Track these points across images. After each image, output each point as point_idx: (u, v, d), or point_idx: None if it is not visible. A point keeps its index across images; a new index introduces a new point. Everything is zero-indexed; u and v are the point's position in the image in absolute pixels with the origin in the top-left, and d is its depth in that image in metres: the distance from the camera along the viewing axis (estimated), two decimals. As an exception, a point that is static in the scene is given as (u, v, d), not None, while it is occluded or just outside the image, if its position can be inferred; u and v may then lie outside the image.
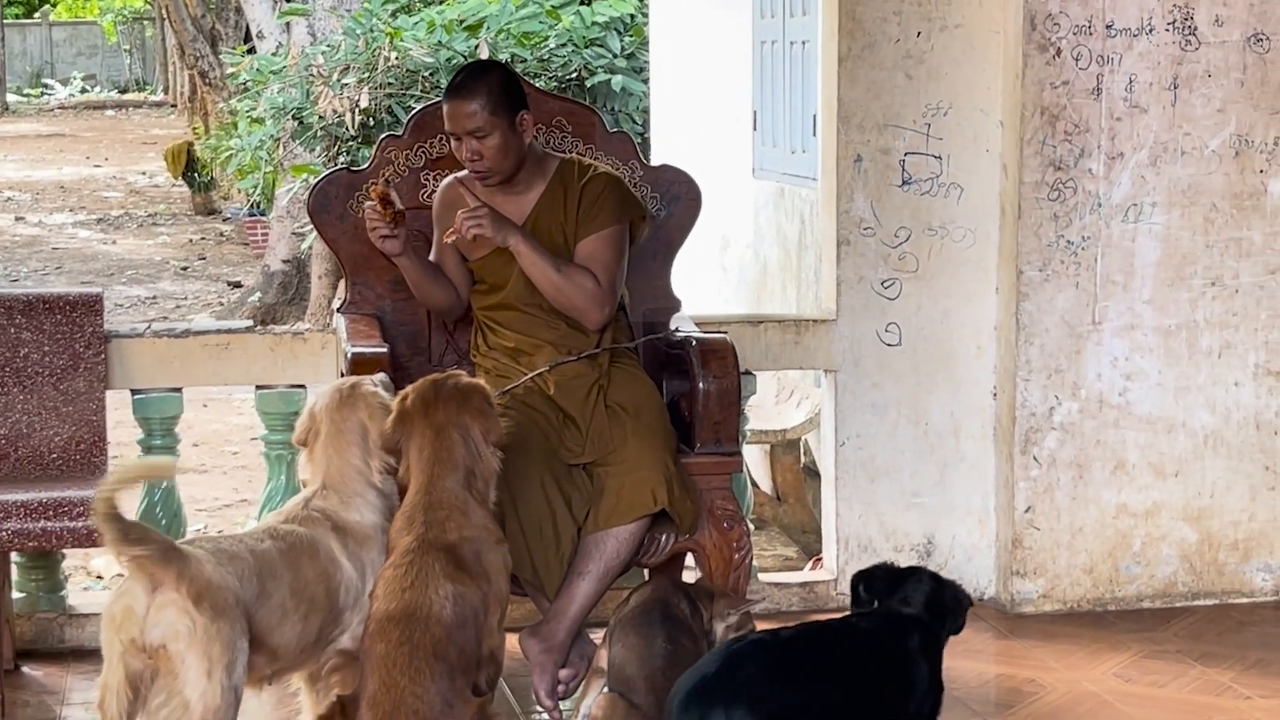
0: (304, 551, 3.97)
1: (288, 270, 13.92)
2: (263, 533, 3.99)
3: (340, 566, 4.02)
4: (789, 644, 3.77)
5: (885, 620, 3.85)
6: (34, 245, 18.17)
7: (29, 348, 5.01)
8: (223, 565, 3.75)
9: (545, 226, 4.67)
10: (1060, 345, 5.42)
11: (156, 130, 31.64)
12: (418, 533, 3.92)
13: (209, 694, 3.65)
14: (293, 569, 3.92)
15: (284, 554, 3.92)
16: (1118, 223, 5.41)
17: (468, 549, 3.94)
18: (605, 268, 4.64)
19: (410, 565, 3.87)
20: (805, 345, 5.52)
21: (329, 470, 4.13)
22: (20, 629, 5.11)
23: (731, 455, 4.68)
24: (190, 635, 3.63)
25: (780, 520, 7.50)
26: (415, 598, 3.83)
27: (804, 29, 7.44)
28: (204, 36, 19.40)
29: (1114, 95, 5.35)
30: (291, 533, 3.99)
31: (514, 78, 4.70)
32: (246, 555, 3.84)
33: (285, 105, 11.01)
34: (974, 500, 5.59)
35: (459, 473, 4.00)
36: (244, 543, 3.90)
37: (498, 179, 4.66)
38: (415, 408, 4.05)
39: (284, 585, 3.88)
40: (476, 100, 4.56)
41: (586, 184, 4.67)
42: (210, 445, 9.44)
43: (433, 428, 4.02)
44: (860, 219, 5.46)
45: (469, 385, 4.12)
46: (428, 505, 3.96)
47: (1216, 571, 5.57)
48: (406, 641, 3.78)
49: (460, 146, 4.62)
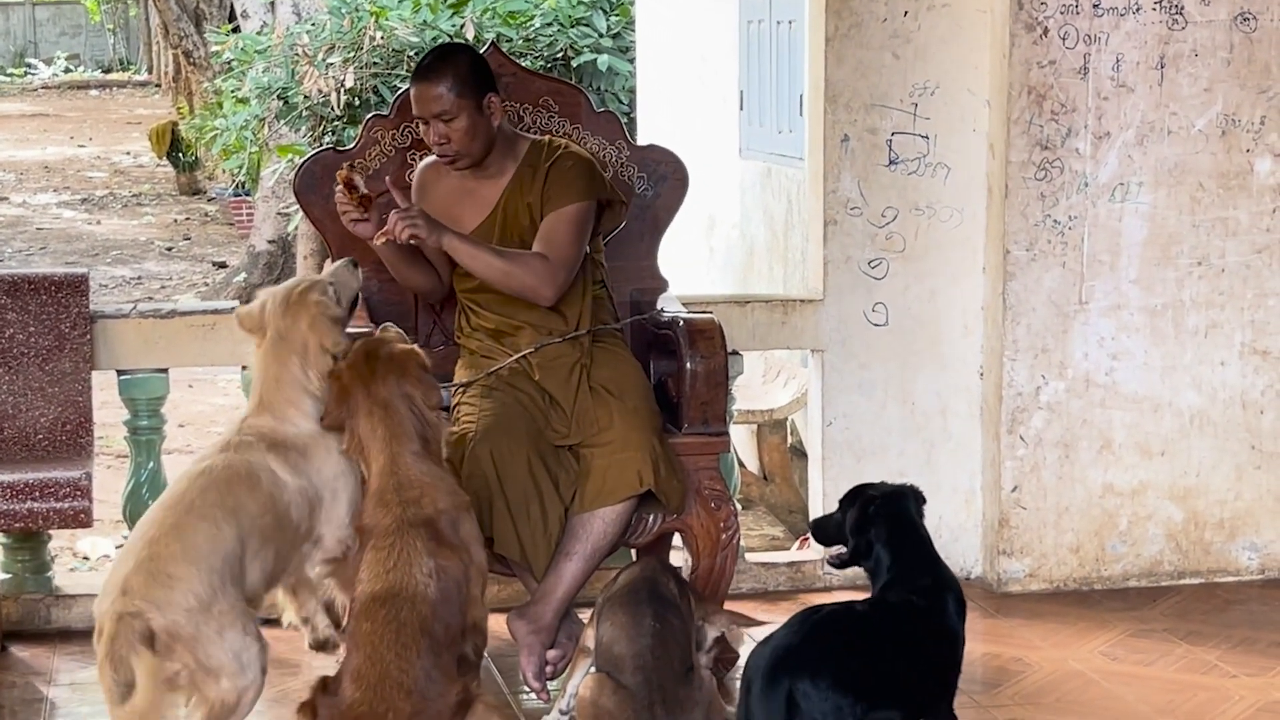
0: (242, 484, 3.96)
1: (273, 250, 13.89)
2: (197, 481, 3.93)
3: (285, 486, 4.03)
4: (864, 618, 3.82)
5: (930, 594, 3.90)
6: (18, 226, 18.11)
7: (14, 328, 5.00)
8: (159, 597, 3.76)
9: (515, 209, 4.66)
10: (1047, 325, 5.43)
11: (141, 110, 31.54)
12: (395, 513, 3.93)
13: (224, 695, 3.79)
14: (234, 515, 3.90)
15: (222, 503, 3.89)
16: (1104, 202, 5.41)
17: (444, 521, 3.97)
18: (558, 245, 4.59)
19: (392, 546, 3.89)
20: (792, 325, 5.51)
21: (265, 379, 4.12)
22: (7, 610, 5.11)
23: (719, 435, 4.69)
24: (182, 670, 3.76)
25: (767, 500, 7.50)
26: (399, 577, 3.84)
27: (790, 8, 7.43)
28: (188, 16, 19.32)
29: (1101, 75, 5.35)
30: (227, 467, 3.97)
31: (481, 61, 4.68)
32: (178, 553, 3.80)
33: (270, 85, 10.97)
34: (960, 480, 5.59)
35: (415, 444, 4.02)
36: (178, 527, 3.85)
37: (466, 162, 4.64)
38: (354, 384, 4.05)
39: (229, 538, 3.87)
40: (443, 83, 4.53)
41: (554, 163, 4.65)
42: (195, 426, 9.42)
43: (379, 405, 4.02)
44: (847, 199, 5.46)
45: (403, 353, 4.12)
46: (398, 485, 3.97)
47: (1203, 550, 5.58)
48: (393, 620, 3.79)
49: (428, 130, 4.60)
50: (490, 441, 4.41)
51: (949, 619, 3.89)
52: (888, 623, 3.81)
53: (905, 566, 3.91)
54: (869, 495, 4.02)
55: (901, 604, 3.86)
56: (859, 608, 3.85)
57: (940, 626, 3.87)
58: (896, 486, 4.05)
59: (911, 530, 3.97)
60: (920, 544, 3.96)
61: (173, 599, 3.76)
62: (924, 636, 3.83)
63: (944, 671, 3.89)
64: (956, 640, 3.92)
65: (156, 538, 3.85)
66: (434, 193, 4.75)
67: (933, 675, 3.84)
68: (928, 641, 3.84)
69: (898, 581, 3.90)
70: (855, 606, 3.86)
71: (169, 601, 3.75)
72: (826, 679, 3.60)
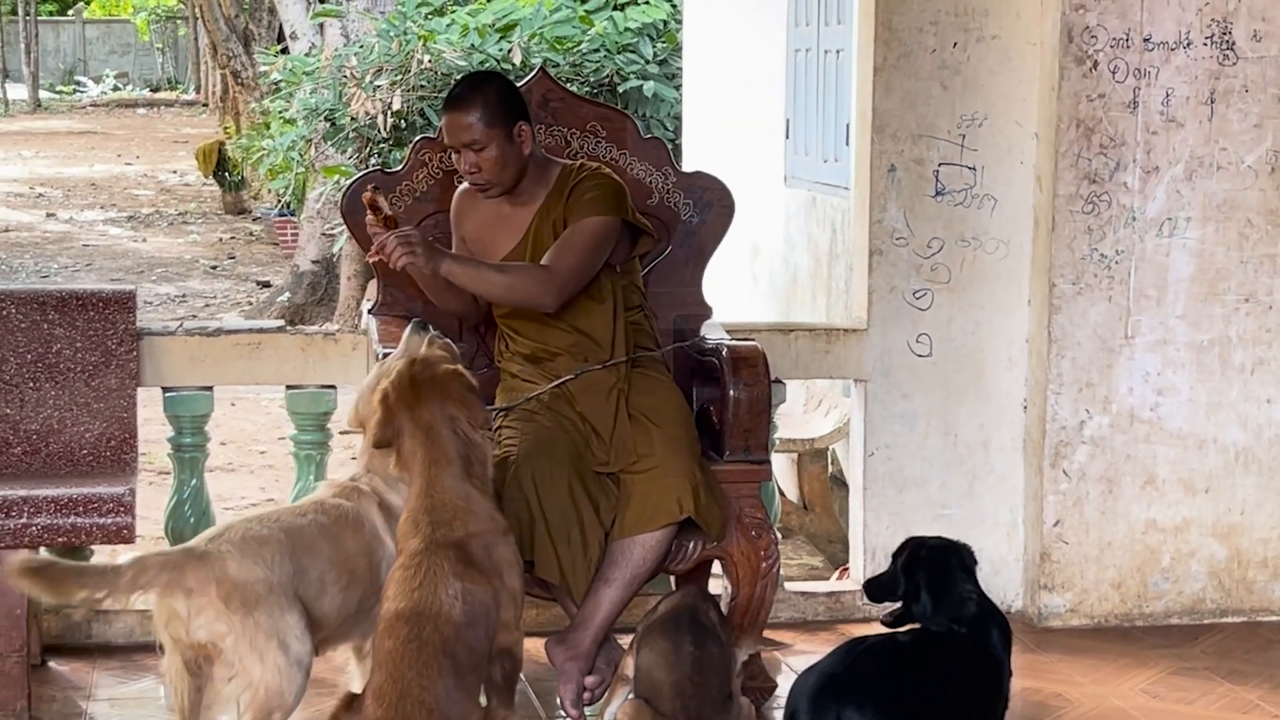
0: (348, 524, 4.07)
1: (317, 271, 13.95)
2: (309, 505, 4.10)
3: (383, 543, 4.11)
4: (908, 648, 3.82)
5: (973, 624, 3.90)
6: (64, 242, 18.24)
7: (61, 344, 5.03)
8: (248, 556, 3.86)
9: (544, 233, 4.66)
10: (1092, 359, 5.40)
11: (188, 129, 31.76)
12: (424, 534, 3.94)
13: (267, 676, 3.82)
14: (333, 542, 4.02)
15: (325, 528, 4.03)
16: (1152, 237, 5.39)
17: (476, 544, 3.97)
18: (564, 252, 4.56)
19: (419, 566, 3.89)
20: (836, 354, 5.50)
21: (371, 458, 4.20)
22: (47, 624, 5.13)
23: (761, 464, 4.68)
24: (231, 633, 3.80)
25: (807, 529, 7.48)
26: (424, 597, 3.85)
27: (838, 38, 7.43)
28: (237, 36, 19.46)
29: (1150, 109, 5.33)
30: (338, 506, 4.10)
31: (511, 89, 4.67)
32: (279, 536, 3.93)
33: (318, 106, 11.05)
34: (1002, 513, 5.57)
35: (455, 467, 4.02)
36: (280, 521, 4.00)
37: (497, 190, 4.64)
38: (399, 405, 4.06)
39: (322, 559, 3.98)
40: (473, 113, 4.53)
41: (578, 184, 4.65)
42: (238, 444, 9.46)
43: (421, 427, 4.03)
44: (893, 229, 5.45)
45: (446, 374, 4.12)
46: (431, 508, 3.97)
47: (1245, 589, 5.54)
48: (415, 638, 3.79)
49: (459, 159, 4.60)
50: (532, 465, 4.41)
51: (993, 649, 3.88)
52: (932, 653, 3.80)
53: (949, 598, 3.90)
54: (921, 539, 4.07)
55: (945, 634, 3.85)
56: (903, 638, 3.84)
57: (984, 656, 3.86)
58: (951, 541, 4.09)
59: (958, 569, 3.98)
60: (964, 581, 3.96)
61: (261, 553, 3.85)
62: (968, 666, 3.82)
63: (989, 702, 3.87)
64: (1002, 670, 3.91)
65: (265, 516, 4.00)
66: (469, 219, 4.76)
67: (977, 705, 3.83)
68: (972, 671, 3.83)
69: (941, 612, 3.89)
70: (899, 636, 3.85)
71: (258, 554, 3.85)
72: (871, 708, 3.60)
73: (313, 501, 4.13)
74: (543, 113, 5.01)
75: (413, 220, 4.89)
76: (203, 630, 3.80)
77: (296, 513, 4.06)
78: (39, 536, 4.57)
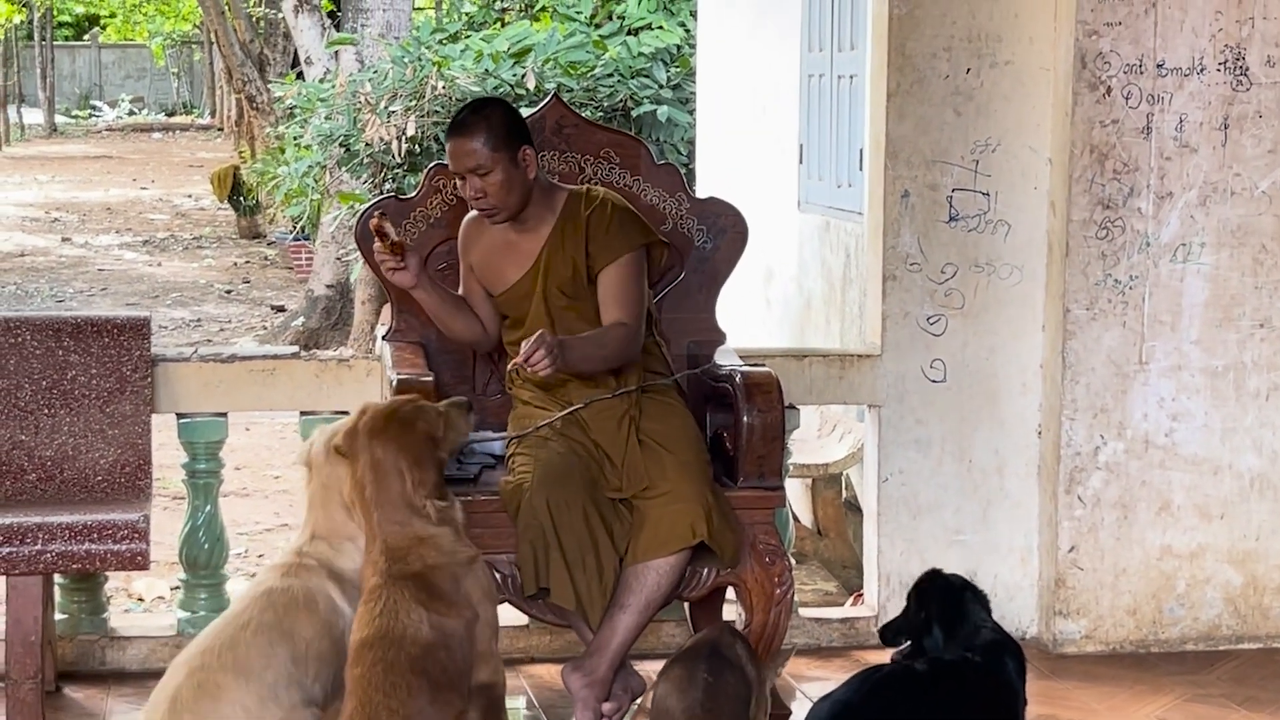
0: (300, 610, 3.95)
1: (331, 295, 13.99)
2: (254, 606, 3.94)
3: (342, 614, 4.01)
4: (923, 676, 3.82)
5: (987, 652, 3.91)
6: (80, 266, 18.29)
7: (76, 370, 5.04)
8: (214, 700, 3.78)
9: (555, 262, 4.67)
10: (1106, 384, 5.40)
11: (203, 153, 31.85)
12: (380, 569, 3.89)
13: None
14: (288, 640, 3.91)
15: (275, 626, 3.90)
16: (1166, 262, 5.38)
17: (439, 576, 3.90)
18: (627, 301, 4.63)
19: (378, 598, 3.85)
20: (849, 380, 5.50)
21: (317, 521, 4.11)
22: (62, 650, 5.13)
23: (775, 490, 4.67)
24: None
25: (821, 555, 7.47)
26: (386, 622, 3.81)
27: (851, 63, 7.44)
28: (252, 61, 19.52)
29: (1164, 134, 5.33)
30: (286, 591, 3.97)
31: (515, 114, 4.69)
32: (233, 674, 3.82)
33: (332, 132, 11.08)
34: (1017, 539, 5.56)
35: (401, 510, 3.93)
36: (234, 651, 3.85)
37: (503, 216, 4.65)
38: (365, 432, 3.99)
39: (283, 662, 3.87)
40: (477, 138, 4.54)
41: (592, 214, 4.67)
42: (252, 469, 9.47)
43: (371, 466, 3.96)
44: (907, 254, 5.45)
45: (421, 430, 4.01)
46: (385, 548, 3.91)
47: (1261, 615, 5.52)
48: (380, 661, 3.76)
49: (464, 185, 4.61)
50: (546, 491, 4.41)
51: (1007, 676, 3.87)
52: (947, 681, 3.80)
53: (961, 630, 3.89)
54: (934, 571, 4.10)
55: (959, 662, 3.84)
56: (919, 666, 3.84)
57: (998, 683, 3.86)
58: (964, 579, 4.12)
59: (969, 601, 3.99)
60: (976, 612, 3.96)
61: (220, 710, 3.76)
62: (983, 694, 3.81)
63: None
64: (1016, 698, 3.89)
65: (209, 648, 3.87)
66: (476, 247, 4.77)
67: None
68: (986, 699, 3.82)
69: (954, 640, 3.88)
70: (915, 665, 3.85)
71: (215, 713, 3.76)
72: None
73: (260, 595, 3.98)
74: (556, 139, 5.02)
75: (426, 247, 4.91)
76: None
77: (240, 625, 3.91)
78: (54, 563, 4.58)
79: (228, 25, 19.49)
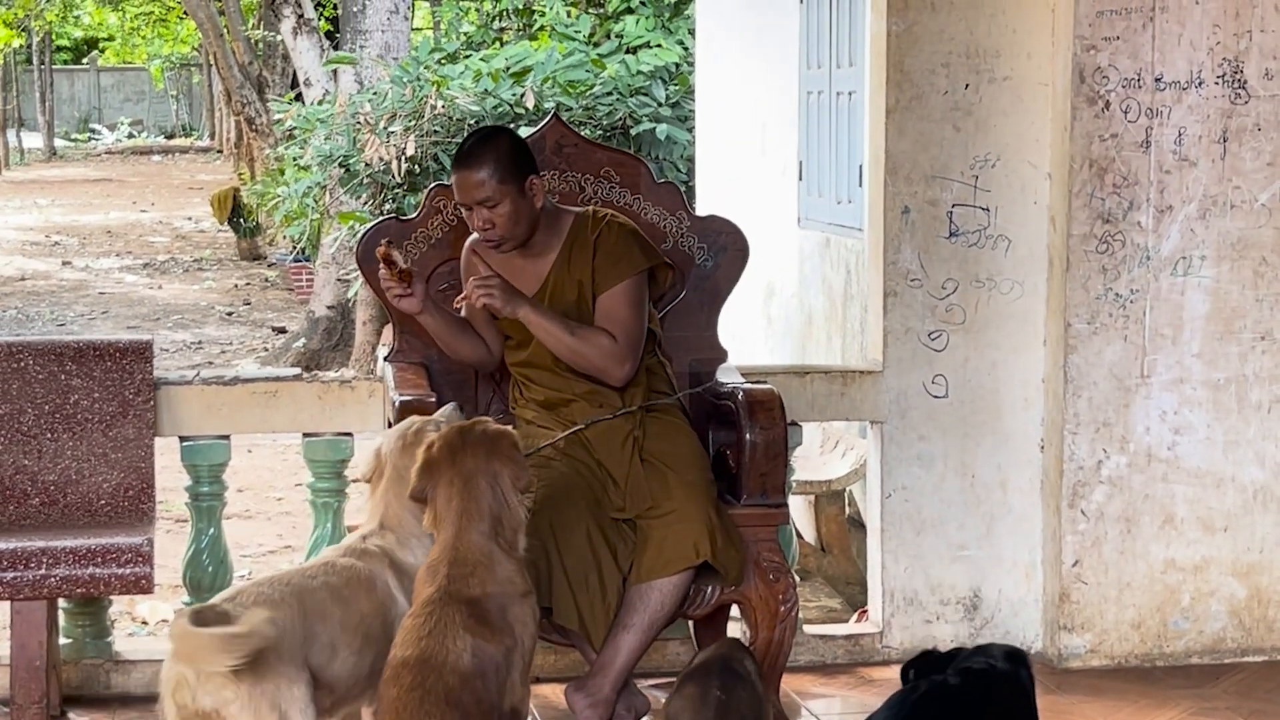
0: (360, 585, 4.02)
1: (332, 316, 13.99)
2: (318, 568, 4.04)
3: (396, 601, 4.07)
4: (958, 691, 3.81)
5: (1008, 660, 3.92)
6: (80, 290, 18.30)
7: (79, 394, 5.04)
8: (262, 605, 3.81)
9: (563, 286, 4.67)
10: (1108, 398, 5.40)
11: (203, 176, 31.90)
12: (440, 584, 3.90)
13: None
14: (344, 605, 3.97)
15: (336, 590, 3.97)
16: (1166, 276, 5.39)
17: (491, 604, 3.91)
18: (623, 322, 4.62)
19: (429, 615, 3.85)
20: (851, 396, 5.50)
21: (387, 512, 4.17)
22: (66, 674, 5.13)
23: (778, 507, 4.67)
24: (238, 701, 3.73)
25: (824, 571, 7.46)
26: (431, 645, 3.80)
27: (850, 80, 7.45)
28: (251, 83, 19.56)
29: (1163, 148, 5.34)
30: (350, 567, 4.05)
31: (521, 143, 4.68)
32: (291, 601, 3.87)
33: (332, 153, 11.09)
34: (1021, 554, 5.55)
35: (486, 523, 3.97)
36: (292, 584, 3.94)
37: (511, 245, 4.64)
38: (442, 456, 4.02)
39: (334, 623, 3.93)
40: (484, 169, 4.53)
41: (599, 237, 4.67)
42: (255, 491, 9.46)
43: (460, 476, 3.98)
44: (907, 270, 5.45)
45: (497, 432, 4.09)
46: (452, 560, 3.92)
47: (1266, 627, 5.52)
48: (418, 687, 3.75)
49: (471, 216, 4.61)
50: (549, 511, 4.41)
51: (1024, 683, 3.88)
52: (980, 691, 3.80)
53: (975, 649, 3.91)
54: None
55: (987, 669, 3.85)
56: (952, 680, 3.84)
57: (1019, 689, 3.87)
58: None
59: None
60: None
61: (274, 620, 3.79)
62: (1012, 701, 3.82)
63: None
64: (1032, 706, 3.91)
65: (275, 579, 3.94)
66: (482, 269, 4.77)
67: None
68: (1017, 706, 3.85)
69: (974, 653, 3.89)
70: (949, 680, 3.85)
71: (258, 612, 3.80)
72: None
73: (322, 563, 4.07)
74: (556, 159, 5.03)
75: (427, 268, 4.91)
76: (209, 698, 3.73)
77: (306, 574, 4.00)
78: (58, 587, 4.58)
79: (226, 47, 19.53)
